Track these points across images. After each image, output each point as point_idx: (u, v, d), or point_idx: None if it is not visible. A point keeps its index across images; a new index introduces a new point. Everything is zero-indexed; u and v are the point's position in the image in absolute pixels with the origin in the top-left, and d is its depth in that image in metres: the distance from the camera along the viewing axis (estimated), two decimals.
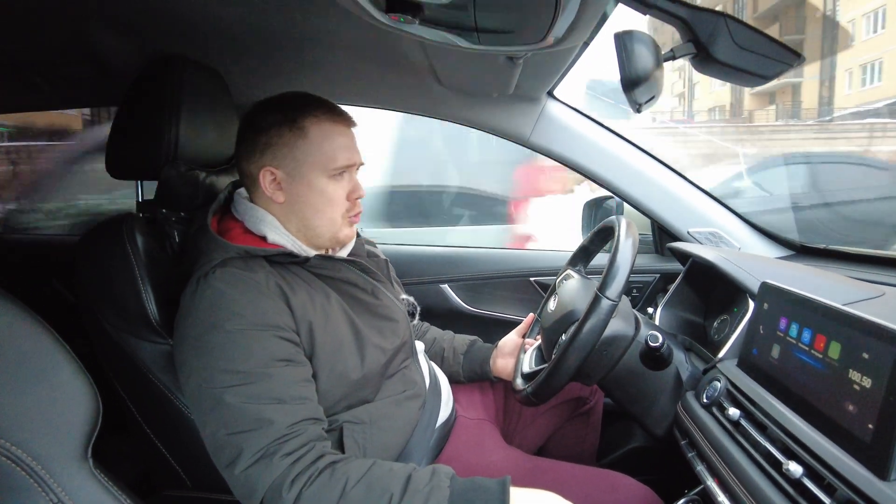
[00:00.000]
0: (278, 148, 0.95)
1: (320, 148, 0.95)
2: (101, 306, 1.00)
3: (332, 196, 0.98)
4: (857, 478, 0.58)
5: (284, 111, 0.96)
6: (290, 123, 0.95)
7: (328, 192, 0.97)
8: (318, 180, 0.96)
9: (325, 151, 0.96)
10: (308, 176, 0.96)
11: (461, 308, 1.76)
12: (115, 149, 1.11)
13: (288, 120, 0.95)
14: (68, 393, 0.59)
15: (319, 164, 0.96)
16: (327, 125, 0.97)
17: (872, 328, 0.62)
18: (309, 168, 0.95)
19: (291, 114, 0.95)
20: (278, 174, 0.96)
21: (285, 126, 0.95)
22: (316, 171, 0.96)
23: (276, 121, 0.95)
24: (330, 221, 0.99)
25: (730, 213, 1.53)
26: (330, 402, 0.92)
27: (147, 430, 1.05)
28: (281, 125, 0.95)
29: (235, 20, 1.24)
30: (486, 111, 1.53)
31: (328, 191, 0.97)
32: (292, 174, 0.96)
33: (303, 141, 0.95)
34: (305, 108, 0.96)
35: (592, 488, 1.01)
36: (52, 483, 0.56)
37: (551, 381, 0.96)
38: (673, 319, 1.24)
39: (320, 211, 0.98)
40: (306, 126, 0.95)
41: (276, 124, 0.95)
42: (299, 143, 0.95)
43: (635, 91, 0.76)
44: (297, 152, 0.95)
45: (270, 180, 0.96)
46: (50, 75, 1.55)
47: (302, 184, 0.96)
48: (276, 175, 0.96)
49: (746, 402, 0.81)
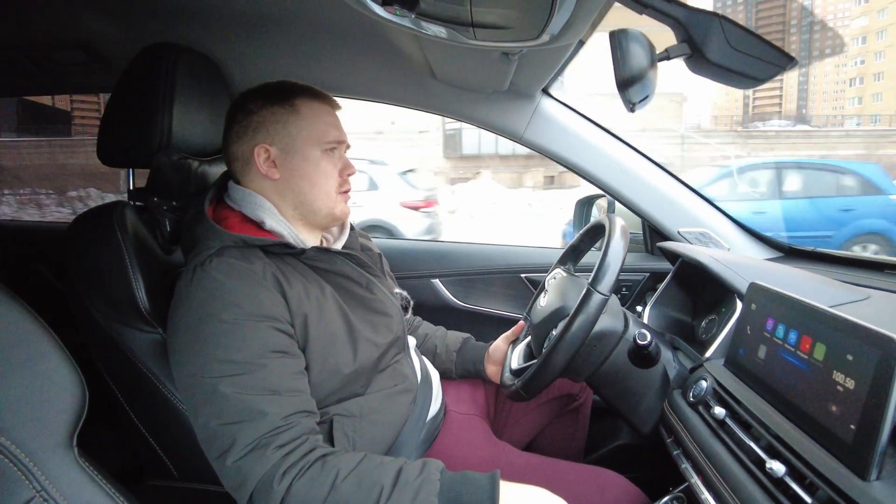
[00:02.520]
0: (271, 125, 0.98)
1: (312, 123, 1.00)
2: (90, 294, 0.99)
3: (325, 169, 1.01)
4: (838, 477, 0.59)
5: (274, 93, 1.00)
6: (281, 102, 0.99)
7: (322, 166, 1.00)
8: (313, 153, 0.99)
9: (317, 126, 1.00)
10: (303, 150, 0.99)
11: (452, 303, 1.76)
12: (106, 136, 1.10)
13: (280, 99, 0.99)
14: (54, 381, 0.59)
15: (313, 138, 0.99)
16: (316, 104, 1.02)
17: (857, 330, 0.63)
18: (303, 142, 0.99)
19: (281, 94, 1.00)
20: (273, 151, 0.98)
21: (277, 105, 0.99)
22: (310, 145, 0.99)
23: (268, 102, 0.99)
24: (325, 195, 1.01)
25: (720, 214, 1.54)
26: (321, 395, 0.92)
27: (134, 420, 1.04)
28: (273, 104, 0.99)
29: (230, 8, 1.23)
30: (481, 106, 1.53)
31: (322, 164, 1.00)
32: (287, 149, 0.98)
33: (295, 117, 0.99)
34: (294, 90, 1.01)
35: (582, 485, 1.01)
36: (35, 471, 0.55)
37: (541, 376, 0.96)
38: (661, 318, 1.24)
39: (317, 184, 1.00)
40: (297, 104, 1.00)
41: (269, 104, 0.99)
42: (292, 119, 0.98)
43: (629, 90, 0.76)
44: (290, 128, 0.98)
45: (265, 158, 0.98)
46: (41, 61, 1.53)
47: (297, 158, 0.99)
48: (271, 152, 0.98)
49: (732, 401, 0.82)
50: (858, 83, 33.63)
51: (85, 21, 1.34)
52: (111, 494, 0.60)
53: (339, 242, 1.10)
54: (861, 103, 32.54)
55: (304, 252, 0.97)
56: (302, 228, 1.02)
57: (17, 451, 0.55)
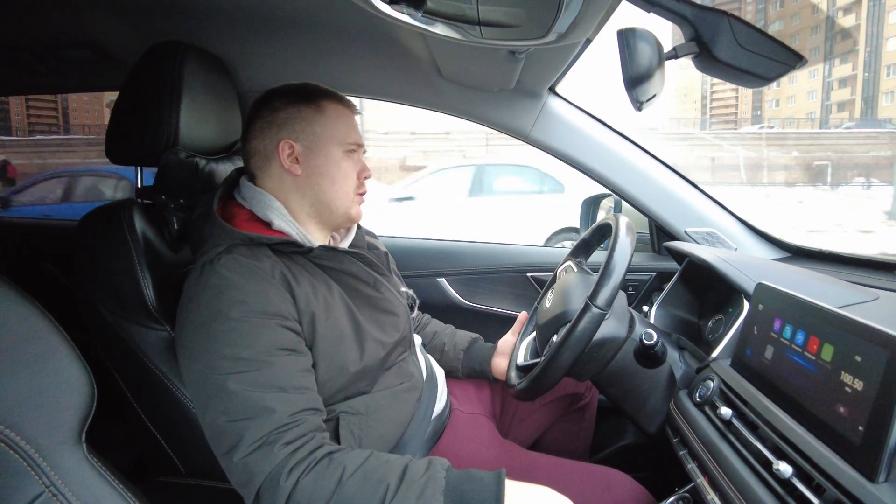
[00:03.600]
0: (297, 122, 1.00)
1: (336, 124, 1.02)
2: (98, 292, 1.00)
3: (345, 169, 1.03)
4: (846, 479, 0.59)
5: (301, 93, 1.03)
6: (307, 101, 1.01)
7: (343, 166, 1.03)
8: (335, 153, 1.02)
9: (341, 128, 1.02)
10: (326, 148, 1.01)
11: (457, 302, 1.76)
12: (115, 134, 1.10)
13: (306, 99, 1.02)
14: (63, 378, 0.59)
15: (336, 139, 1.02)
16: (341, 107, 1.04)
17: (865, 331, 0.63)
18: (327, 141, 1.01)
19: (308, 95, 1.02)
20: (297, 147, 1.00)
21: (303, 103, 1.01)
22: (333, 145, 1.01)
23: (294, 100, 1.01)
24: (344, 195, 1.03)
25: (727, 214, 1.53)
26: (327, 393, 0.93)
27: (142, 416, 1.05)
28: (299, 103, 1.01)
29: (237, 6, 1.24)
30: (487, 105, 1.53)
31: (343, 164, 1.03)
32: (311, 146, 1.00)
33: (321, 116, 1.01)
34: (320, 92, 1.04)
35: (587, 484, 1.01)
36: (45, 467, 0.56)
37: (542, 380, 0.96)
38: (668, 318, 1.24)
39: (337, 182, 1.02)
40: (323, 104, 1.02)
41: (295, 102, 1.01)
42: (318, 118, 1.01)
43: (637, 89, 0.76)
44: (315, 126, 1.00)
45: (288, 153, 1.00)
46: (49, 59, 1.54)
47: (320, 156, 1.01)
48: (295, 148, 1.00)
49: (739, 401, 0.82)
50: (775, 85, 34.96)
51: (92, 19, 1.35)
52: (119, 490, 0.61)
53: (345, 241, 1.10)
54: (778, 106, 33.93)
55: (311, 251, 0.97)
56: (313, 228, 1.03)
57: (27, 446, 0.55)
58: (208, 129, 1.17)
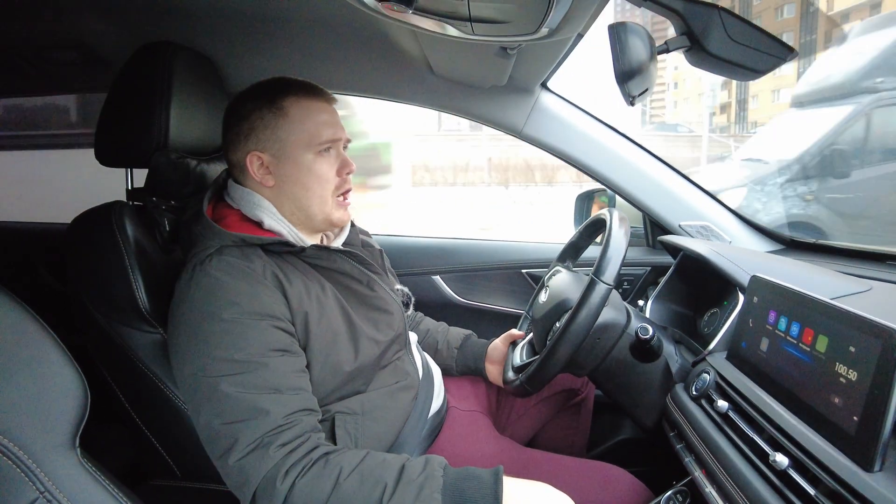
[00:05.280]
0: (261, 131, 0.96)
1: (302, 125, 0.96)
2: (90, 295, 0.99)
3: (319, 172, 0.98)
4: (842, 469, 0.59)
5: (263, 95, 0.97)
6: (269, 105, 0.96)
7: (315, 169, 0.98)
8: (304, 157, 0.97)
9: (308, 128, 0.96)
10: (293, 154, 0.97)
11: (453, 299, 1.76)
12: (104, 136, 1.09)
13: (267, 102, 0.96)
14: (56, 382, 0.58)
15: (303, 141, 0.96)
16: (306, 102, 0.98)
17: (859, 322, 0.63)
18: (293, 146, 0.96)
19: (270, 96, 0.97)
20: (265, 157, 0.97)
21: (265, 108, 0.96)
22: (301, 149, 0.97)
23: (257, 105, 0.97)
24: (321, 200, 0.99)
25: (721, 207, 1.53)
26: (322, 392, 0.92)
27: (136, 420, 1.04)
28: (261, 108, 0.96)
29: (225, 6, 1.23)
30: (480, 102, 1.53)
31: (315, 167, 0.98)
32: (278, 155, 0.97)
33: (283, 120, 0.96)
34: (283, 89, 0.98)
35: (585, 480, 1.01)
36: (38, 472, 0.55)
37: (545, 369, 0.96)
38: (663, 312, 1.24)
39: (310, 189, 0.98)
40: (286, 105, 0.96)
41: (257, 108, 0.96)
42: (281, 123, 0.96)
43: (629, 83, 0.76)
44: (279, 132, 0.96)
45: (258, 165, 0.97)
46: (36, 60, 1.53)
47: (289, 163, 0.97)
48: (263, 159, 0.97)
49: (735, 394, 0.82)
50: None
51: (80, 20, 1.34)
52: (114, 495, 0.60)
53: (339, 240, 1.09)
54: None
55: (304, 250, 0.96)
56: (301, 229, 1.01)
57: (20, 452, 0.55)
58: (198, 130, 1.16)
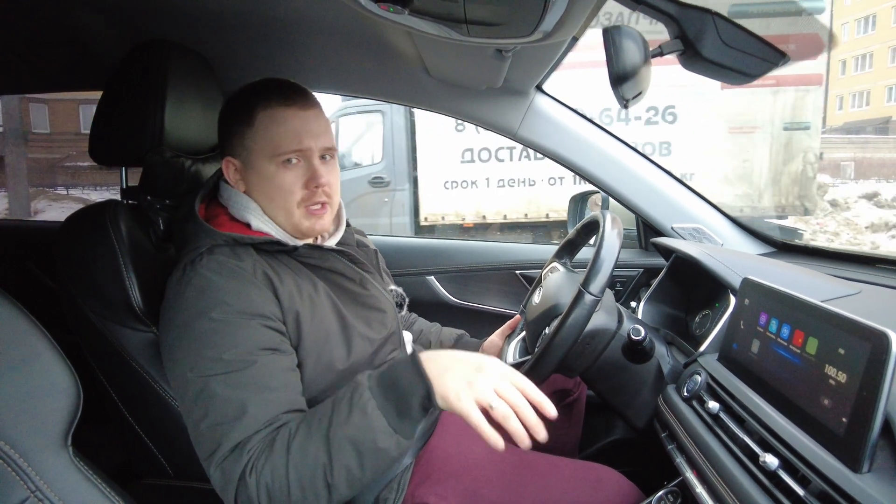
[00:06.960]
0: (232, 137, 0.97)
1: (265, 135, 0.94)
2: (83, 293, 0.99)
3: (280, 184, 0.95)
4: (831, 470, 0.59)
5: (240, 101, 0.97)
6: (239, 112, 0.96)
7: (276, 180, 0.95)
8: (266, 168, 0.95)
9: (270, 138, 0.93)
10: (256, 164, 0.95)
11: (447, 300, 1.76)
12: (98, 134, 1.09)
13: (238, 109, 0.96)
14: (48, 381, 0.58)
15: (265, 152, 0.94)
16: (277, 110, 0.94)
17: (849, 324, 0.63)
18: (257, 156, 0.95)
19: (244, 102, 0.96)
20: (237, 163, 0.97)
21: (236, 116, 0.96)
22: (263, 159, 0.94)
23: (231, 111, 0.97)
24: (285, 211, 0.97)
25: (713, 210, 1.54)
26: (315, 391, 0.92)
27: (129, 419, 1.04)
28: (234, 115, 0.97)
29: (221, 5, 1.22)
30: (475, 103, 1.53)
31: (276, 179, 0.94)
32: (245, 163, 0.97)
33: (248, 129, 0.95)
34: (258, 95, 0.95)
35: (577, 480, 1.02)
36: (29, 471, 0.55)
37: (535, 373, 0.96)
38: (655, 314, 1.25)
39: (273, 200, 0.96)
40: (254, 113, 0.94)
41: (232, 115, 0.97)
42: (246, 132, 0.95)
43: (623, 86, 0.76)
44: (246, 141, 0.95)
45: (233, 170, 0.98)
46: (30, 57, 1.52)
47: (252, 172, 0.96)
48: (236, 164, 0.98)
49: (726, 395, 0.83)
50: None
51: (75, 18, 1.33)
52: (107, 494, 0.60)
53: (333, 239, 1.09)
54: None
55: (296, 249, 0.96)
56: (287, 231, 1.00)
57: (11, 451, 0.54)
58: (193, 129, 1.16)
